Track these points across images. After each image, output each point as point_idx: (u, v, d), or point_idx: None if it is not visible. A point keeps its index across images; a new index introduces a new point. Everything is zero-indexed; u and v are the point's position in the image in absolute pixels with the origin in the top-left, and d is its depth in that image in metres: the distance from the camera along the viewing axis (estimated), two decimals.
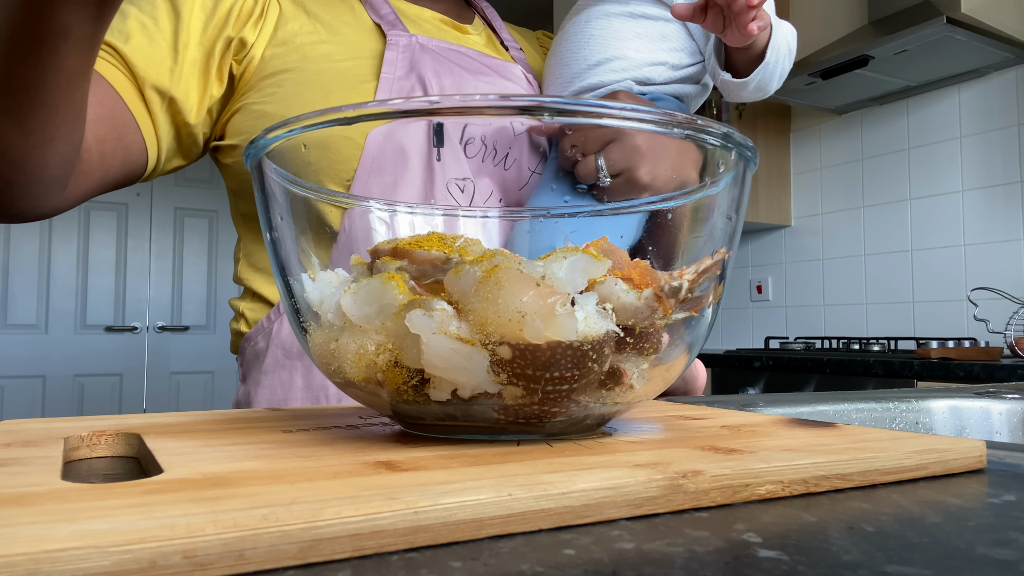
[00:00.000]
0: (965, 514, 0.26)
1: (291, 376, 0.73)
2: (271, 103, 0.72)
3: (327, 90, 0.71)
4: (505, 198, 0.72)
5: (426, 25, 0.81)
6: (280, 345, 0.74)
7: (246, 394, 0.76)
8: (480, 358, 0.30)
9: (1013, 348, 1.88)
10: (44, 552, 0.17)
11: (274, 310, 0.75)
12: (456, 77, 0.76)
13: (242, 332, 0.78)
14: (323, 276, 0.36)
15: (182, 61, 0.70)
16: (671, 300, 0.33)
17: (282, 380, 0.73)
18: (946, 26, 1.92)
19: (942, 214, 2.37)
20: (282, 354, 0.74)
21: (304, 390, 0.72)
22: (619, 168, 0.63)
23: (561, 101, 0.30)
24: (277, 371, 0.73)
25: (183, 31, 0.70)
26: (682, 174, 0.62)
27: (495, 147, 0.72)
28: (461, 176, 0.69)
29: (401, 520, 0.21)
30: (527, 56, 0.90)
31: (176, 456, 0.29)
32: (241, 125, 0.73)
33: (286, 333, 0.74)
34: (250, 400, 0.75)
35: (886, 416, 0.70)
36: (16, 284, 3.58)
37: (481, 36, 0.87)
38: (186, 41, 0.70)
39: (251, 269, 0.79)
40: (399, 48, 0.75)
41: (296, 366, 0.73)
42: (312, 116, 0.32)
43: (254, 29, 0.73)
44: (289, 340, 0.74)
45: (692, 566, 0.20)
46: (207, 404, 3.90)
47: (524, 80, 0.84)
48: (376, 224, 0.44)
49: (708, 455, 0.30)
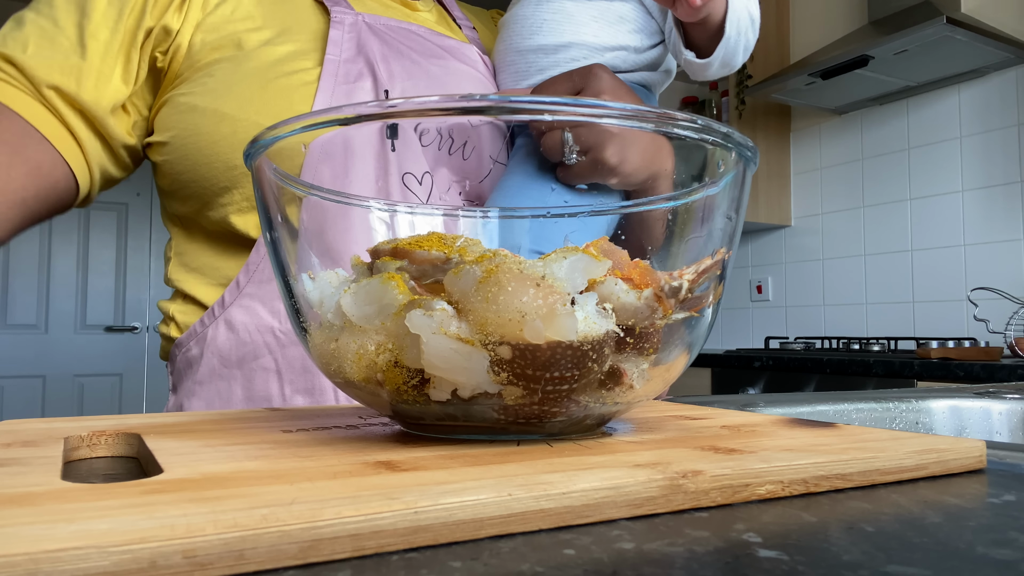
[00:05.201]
0: (965, 514, 0.26)
1: (230, 386, 0.66)
2: (201, 95, 0.65)
3: (264, 78, 0.65)
4: (465, 191, 0.67)
5: (371, 3, 0.75)
6: (216, 352, 0.67)
7: (178, 405, 0.69)
8: (480, 358, 0.30)
9: (1013, 348, 1.88)
10: (44, 552, 0.17)
11: (208, 314, 0.68)
12: (407, 61, 0.70)
13: (172, 337, 0.71)
14: (323, 276, 0.36)
15: (92, 58, 0.64)
16: (671, 300, 0.33)
17: (219, 391, 0.67)
18: (946, 26, 1.92)
19: (942, 214, 2.37)
20: (218, 362, 0.67)
21: (245, 401, 0.66)
22: (586, 145, 0.59)
23: (560, 102, 0.30)
24: (213, 381, 0.67)
25: (89, 26, 0.64)
26: (655, 164, 0.60)
27: (451, 136, 0.66)
28: (419, 170, 0.64)
29: (401, 520, 0.21)
30: (480, 36, 0.84)
31: (176, 456, 0.29)
32: (168, 120, 0.67)
33: (223, 339, 0.67)
34: (183, 411, 0.68)
35: (886, 416, 0.70)
36: (16, 284, 3.58)
37: (432, 13, 0.81)
38: (95, 35, 0.64)
39: (183, 269, 0.72)
40: (344, 27, 0.69)
41: (235, 375, 0.66)
42: (313, 116, 0.32)
43: (177, 15, 0.66)
44: (227, 347, 0.67)
45: (692, 566, 0.20)
46: None
47: (481, 63, 0.78)
48: (375, 224, 0.44)
49: (708, 455, 0.30)
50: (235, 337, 0.66)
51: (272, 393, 0.66)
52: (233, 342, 0.66)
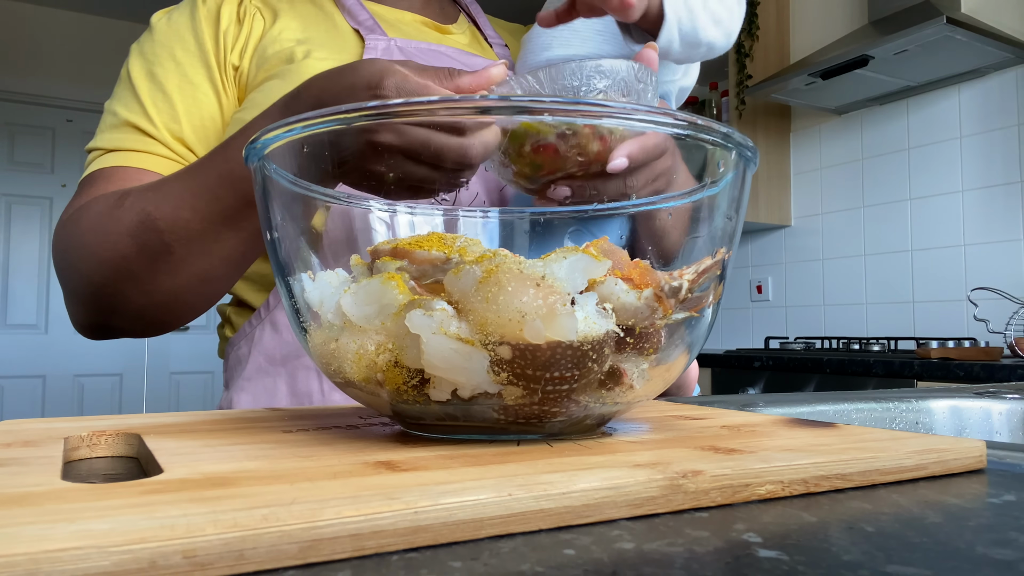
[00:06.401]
0: (965, 514, 0.26)
1: (275, 383, 0.72)
2: (251, 111, 0.71)
3: None
4: (488, 199, 0.71)
5: (406, 28, 0.81)
6: (263, 351, 0.73)
7: (228, 400, 0.75)
8: (480, 358, 0.30)
9: (1013, 348, 1.88)
10: (44, 552, 0.17)
11: (256, 315, 0.74)
12: None
13: (227, 337, 0.78)
14: (323, 276, 0.36)
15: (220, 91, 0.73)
16: (671, 300, 0.33)
17: (266, 387, 0.72)
18: (946, 26, 1.92)
19: (942, 214, 2.37)
20: (265, 360, 0.73)
21: (288, 397, 0.71)
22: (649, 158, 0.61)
23: (561, 101, 0.30)
24: (260, 378, 0.73)
25: (215, 71, 0.73)
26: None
27: None
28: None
29: (401, 520, 0.21)
30: (512, 53, 0.89)
31: (176, 456, 0.29)
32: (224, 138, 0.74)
33: (268, 339, 0.73)
34: (232, 406, 0.74)
35: (886, 416, 0.70)
36: (16, 284, 3.58)
37: (465, 35, 0.86)
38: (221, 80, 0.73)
39: None
40: (377, 52, 0.74)
41: (280, 372, 0.72)
42: (312, 116, 0.32)
43: (235, 49, 0.74)
44: (272, 346, 0.73)
45: (692, 566, 0.20)
46: (207, 404, 3.90)
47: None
48: (375, 224, 0.44)
49: (708, 455, 0.30)
50: (279, 337, 0.72)
51: (313, 390, 0.71)
52: (277, 342, 0.72)
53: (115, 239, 0.60)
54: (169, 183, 0.61)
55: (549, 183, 0.52)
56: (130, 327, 0.66)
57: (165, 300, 0.63)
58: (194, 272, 0.61)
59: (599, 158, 0.49)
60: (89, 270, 0.62)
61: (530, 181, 0.52)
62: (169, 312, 0.64)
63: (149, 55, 0.73)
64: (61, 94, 3.63)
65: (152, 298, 0.62)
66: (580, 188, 0.52)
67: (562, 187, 0.54)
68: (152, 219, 0.59)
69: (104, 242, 0.61)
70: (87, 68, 3.66)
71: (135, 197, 0.61)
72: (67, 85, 3.64)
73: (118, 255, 0.60)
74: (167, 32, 0.74)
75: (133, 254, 0.60)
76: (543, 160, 0.49)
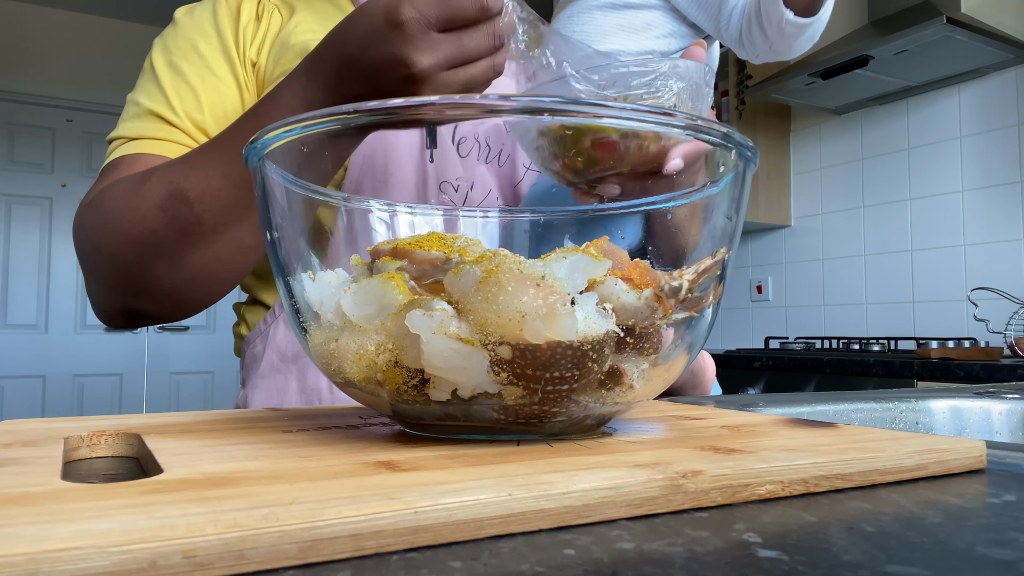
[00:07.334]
0: (965, 514, 0.26)
1: (286, 380, 0.73)
2: None
3: None
4: (501, 195, 0.72)
5: None
6: (276, 349, 0.74)
7: (244, 398, 0.77)
8: (480, 358, 0.30)
9: (1013, 348, 1.88)
10: (44, 552, 0.17)
11: (270, 313, 0.75)
12: None
13: (242, 335, 0.79)
14: (323, 276, 0.36)
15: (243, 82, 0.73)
16: (671, 300, 0.33)
17: (278, 384, 0.73)
18: (946, 26, 1.92)
19: (942, 214, 2.37)
20: (277, 358, 0.74)
21: (299, 393, 0.73)
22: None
23: (561, 101, 0.30)
24: (273, 375, 0.74)
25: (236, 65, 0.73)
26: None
27: (488, 144, 0.71)
28: (456, 176, 0.68)
29: (401, 520, 0.21)
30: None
31: (176, 456, 0.29)
32: None
33: (281, 337, 0.74)
34: (247, 403, 0.75)
35: (886, 416, 0.70)
36: (16, 284, 3.58)
37: None
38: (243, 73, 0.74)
39: (251, 275, 0.79)
40: None
41: (291, 369, 0.73)
42: (312, 116, 0.32)
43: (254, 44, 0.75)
44: (284, 344, 0.74)
45: (692, 566, 0.20)
46: (207, 404, 3.90)
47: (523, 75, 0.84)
48: (375, 224, 0.44)
49: (708, 455, 0.30)
50: (291, 335, 0.73)
51: (322, 386, 0.72)
52: (289, 339, 0.73)
53: (142, 214, 0.59)
54: (196, 155, 0.60)
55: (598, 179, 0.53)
56: (158, 309, 0.65)
57: (195, 274, 0.61)
58: (226, 242, 0.60)
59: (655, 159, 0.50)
60: (116, 249, 0.61)
61: (577, 175, 0.53)
62: (199, 287, 0.63)
63: (172, 47, 0.73)
64: (61, 94, 3.63)
65: (182, 273, 0.61)
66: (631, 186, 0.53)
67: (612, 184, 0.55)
68: (181, 190, 0.58)
69: (131, 218, 0.60)
70: (87, 68, 3.66)
71: (161, 172, 0.60)
72: (67, 85, 3.63)
73: (146, 230, 0.59)
74: (190, 26, 0.74)
75: (162, 228, 0.59)
76: (601, 156, 0.50)
